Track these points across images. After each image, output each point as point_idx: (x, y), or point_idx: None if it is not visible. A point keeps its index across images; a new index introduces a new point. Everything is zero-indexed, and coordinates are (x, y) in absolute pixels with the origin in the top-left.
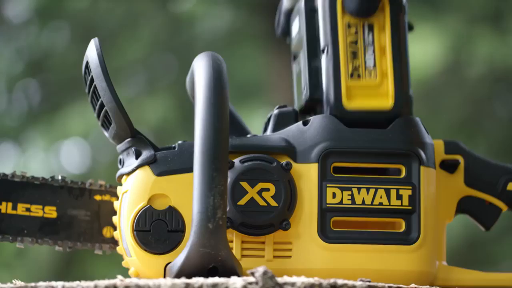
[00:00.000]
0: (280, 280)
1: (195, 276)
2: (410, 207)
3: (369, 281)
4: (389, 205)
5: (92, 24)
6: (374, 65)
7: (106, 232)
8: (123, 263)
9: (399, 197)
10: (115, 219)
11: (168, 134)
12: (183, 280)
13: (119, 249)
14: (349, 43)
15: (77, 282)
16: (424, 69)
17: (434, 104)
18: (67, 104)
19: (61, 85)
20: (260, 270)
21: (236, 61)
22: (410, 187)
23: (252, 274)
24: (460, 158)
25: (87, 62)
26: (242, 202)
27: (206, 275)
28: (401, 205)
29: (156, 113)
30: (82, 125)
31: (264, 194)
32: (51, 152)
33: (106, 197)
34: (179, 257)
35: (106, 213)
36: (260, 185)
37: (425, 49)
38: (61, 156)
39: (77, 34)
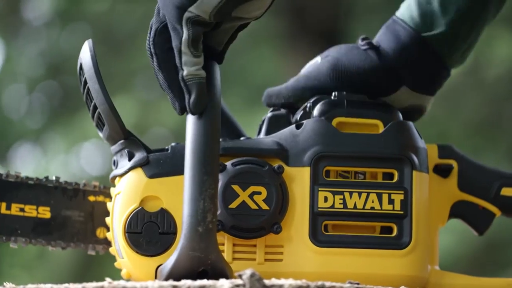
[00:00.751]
0: (267, 282)
1: (185, 279)
2: (401, 212)
3: (358, 284)
4: (381, 209)
5: (111, 26)
6: None
7: (100, 233)
8: (116, 264)
9: (391, 201)
10: (108, 220)
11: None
12: (171, 282)
13: (112, 250)
14: None
15: (66, 285)
16: None
17: (453, 104)
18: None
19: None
20: (247, 272)
21: (254, 63)
22: (402, 192)
23: (240, 276)
24: (453, 163)
25: (81, 64)
26: (233, 205)
27: (196, 278)
28: (393, 210)
29: (174, 115)
30: None
31: (255, 197)
32: (71, 154)
33: (100, 198)
34: (169, 260)
35: (100, 214)
36: (252, 189)
37: None
38: (82, 158)
39: (97, 36)
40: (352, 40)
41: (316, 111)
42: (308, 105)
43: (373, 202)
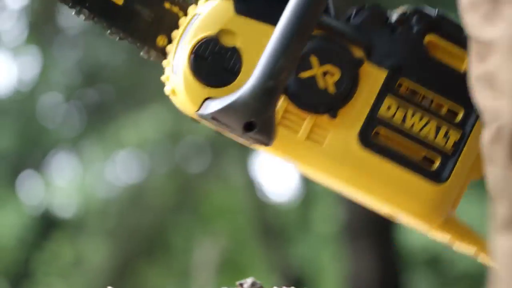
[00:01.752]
0: None
1: (228, 124)
2: (451, 151)
3: None
4: (434, 140)
5: None
6: None
7: (160, 40)
8: (162, 78)
9: (446, 136)
10: (176, 33)
11: None
12: None
13: (166, 62)
14: None
15: None
16: None
17: None
18: (122, 114)
19: (116, 96)
20: (248, 281)
21: None
22: (460, 133)
23: (241, 285)
24: None
25: None
26: (304, 75)
27: (242, 128)
28: (445, 145)
29: None
30: (137, 135)
31: (327, 77)
32: (108, 162)
33: (175, 9)
34: (223, 98)
35: (168, 23)
36: (328, 67)
37: None
38: (118, 166)
39: (132, 45)
40: None
41: (413, 20)
42: (408, 11)
43: (430, 130)
